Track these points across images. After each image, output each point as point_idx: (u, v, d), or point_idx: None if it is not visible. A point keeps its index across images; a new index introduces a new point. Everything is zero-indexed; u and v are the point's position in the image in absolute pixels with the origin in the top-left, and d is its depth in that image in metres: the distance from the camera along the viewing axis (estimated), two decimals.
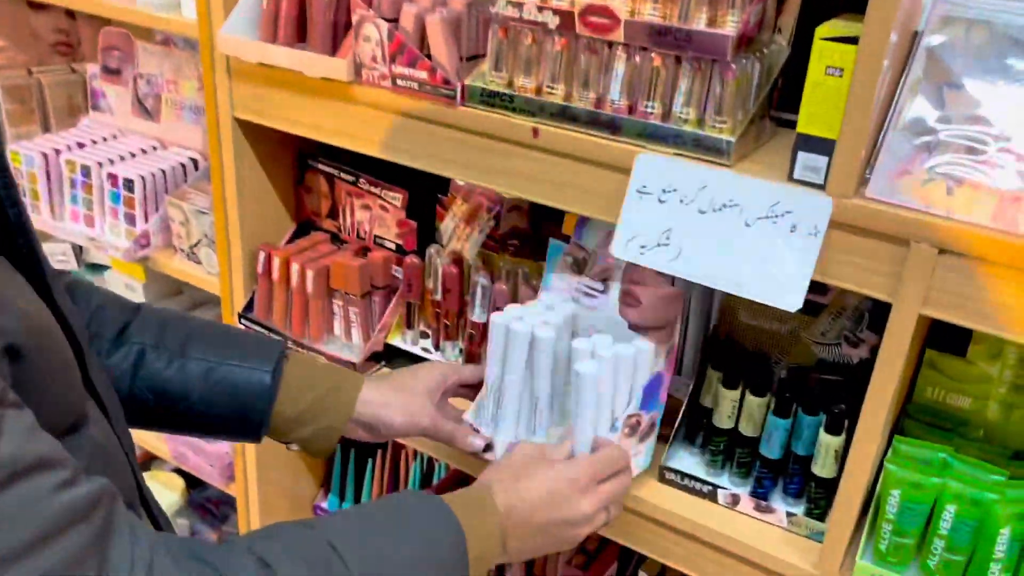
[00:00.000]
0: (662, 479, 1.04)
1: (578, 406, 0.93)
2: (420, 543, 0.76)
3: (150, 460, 1.91)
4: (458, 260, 1.19)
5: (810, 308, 1.01)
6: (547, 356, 0.97)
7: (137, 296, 1.65)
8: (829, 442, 0.93)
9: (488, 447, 1.01)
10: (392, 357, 1.25)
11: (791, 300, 0.82)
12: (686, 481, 1.03)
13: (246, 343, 0.96)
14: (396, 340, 1.26)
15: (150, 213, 1.46)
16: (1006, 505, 0.84)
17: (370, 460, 1.59)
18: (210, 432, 0.98)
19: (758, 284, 0.84)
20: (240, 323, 1.33)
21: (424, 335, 1.26)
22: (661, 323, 0.98)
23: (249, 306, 1.33)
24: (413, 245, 1.25)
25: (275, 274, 1.26)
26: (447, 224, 1.25)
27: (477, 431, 1.01)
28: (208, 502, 1.88)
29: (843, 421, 0.92)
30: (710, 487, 1.01)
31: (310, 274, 1.22)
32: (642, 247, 0.89)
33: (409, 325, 1.25)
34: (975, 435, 0.96)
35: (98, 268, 1.75)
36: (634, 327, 0.99)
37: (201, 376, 0.91)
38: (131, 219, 1.48)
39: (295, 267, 1.23)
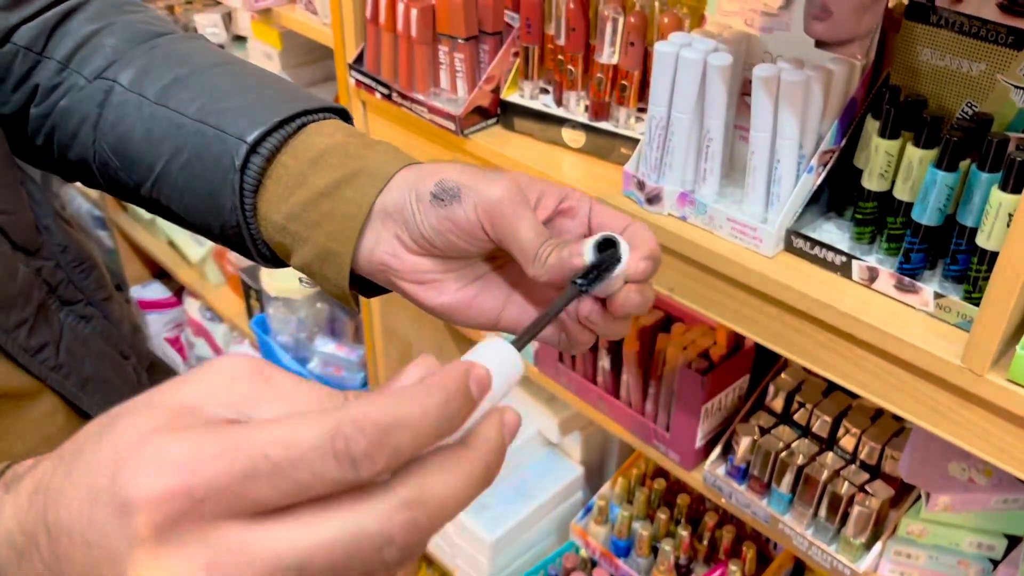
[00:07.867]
0: (789, 247, 0.87)
1: (754, 136, 0.80)
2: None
3: None
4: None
5: (1013, 37, 0.78)
6: (721, 87, 0.84)
7: (274, 66, 1.59)
8: (1002, 201, 0.72)
9: (655, 198, 0.90)
10: (508, 115, 1.12)
11: None
12: (816, 250, 0.85)
13: (258, 92, 0.59)
14: (513, 96, 1.13)
15: None
16: None
17: None
18: (195, 230, 0.63)
19: None
20: (350, 76, 1.24)
21: (544, 91, 1.12)
22: (853, 35, 0.83)
23: (360, 59, 1.23)
24: None
25: (382, 17, 1.15)
26: None
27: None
28: None
29: None
30: (844, 258, 0.83)
31: (414, 13, 1.09)
32: None
33: (527, 76, 1.10)
34: None
35: (242, 40, 1.72)
36: (822, 44, 0.85)
37: (168, 137, 0.58)
38: None
39: (400, 7, 1.11)
